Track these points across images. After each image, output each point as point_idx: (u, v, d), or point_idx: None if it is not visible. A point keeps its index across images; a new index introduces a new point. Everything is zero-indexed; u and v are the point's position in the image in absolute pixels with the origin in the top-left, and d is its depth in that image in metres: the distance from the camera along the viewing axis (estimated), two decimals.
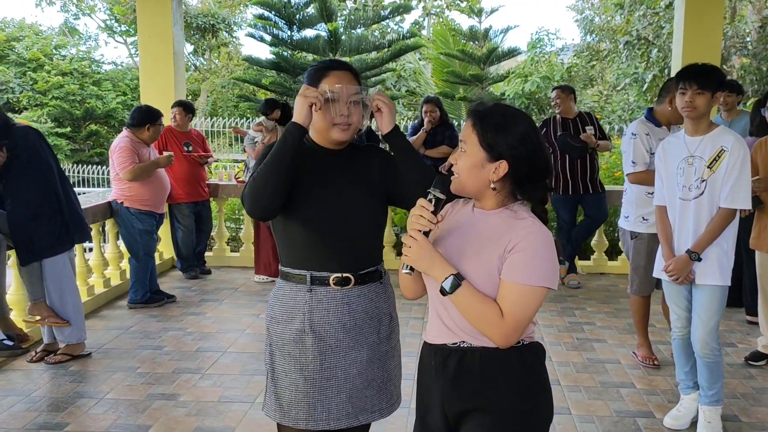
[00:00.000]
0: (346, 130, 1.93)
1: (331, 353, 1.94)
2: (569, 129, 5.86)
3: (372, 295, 1.99)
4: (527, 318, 1.64)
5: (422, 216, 1.63)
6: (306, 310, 1.94)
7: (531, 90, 17.37)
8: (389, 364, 2.04)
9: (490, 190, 1.69)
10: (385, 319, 2.02)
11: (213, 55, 23.45)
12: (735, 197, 3.03)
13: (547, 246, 1.65)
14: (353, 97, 1.91)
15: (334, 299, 1.94)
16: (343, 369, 1.95)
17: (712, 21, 6.48)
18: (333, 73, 1.93)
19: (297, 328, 1.94)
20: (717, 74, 3.09)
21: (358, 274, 1.96)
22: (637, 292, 4.08)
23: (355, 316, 1.95)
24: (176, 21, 6.83)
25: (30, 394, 3.68)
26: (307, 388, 1.94)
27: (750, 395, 3.67)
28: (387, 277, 2.09)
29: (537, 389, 1.76)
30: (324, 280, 1.94)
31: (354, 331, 1.95)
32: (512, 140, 1.64)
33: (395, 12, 20.16)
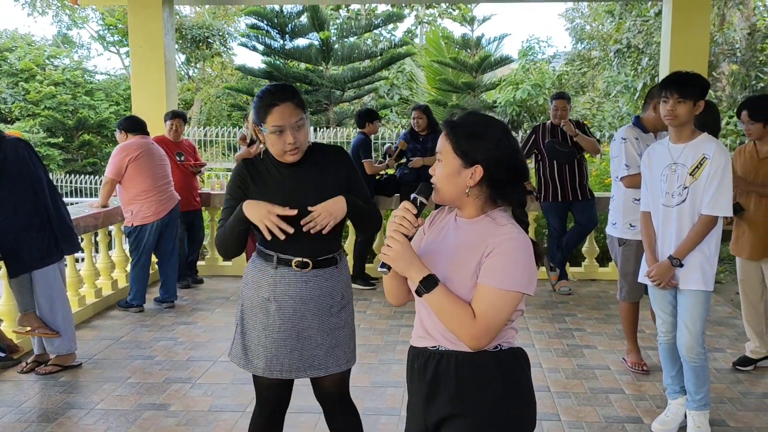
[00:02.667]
0: (296, 153, 2.28)
1: (289, 319, 2.35)
2: (558, 136, 5.90)
3: (327, 276, 2.39)
4: (499, 321, 1.67)
5: (405, 218, 1.70)
6: (271, 283, 2.37)
7: (522, 97, 17.45)
8: (338, 333, 2.42)
9: (468, 197, 1.74)
10: (337, 296, 2.42)
11: (206, 64, 23.49)
12: (716, 204, 3.06)
13: (524, 251, 1.68)
14: (297, 125, 2.24)
15: (295, 277, 2.35)
16: (297, 332, 2.36)
17: (698, 29, 6.55)
18: (275, 109, 2.23)
19: (263, 296, 2.38)
20: (699, 83, 3.12)
21: (315, 260, 2.36)
22: (626, 299, 4.11)
23: (311, 292, 2.36)
24: (167, 31, 6.86)
25: (20, 405, 3.68)
26: (267, 344, 2.36)
27: (737, 400, 3.69)
28: (343, 263, 2.49)
29: (515, 396, 1.78)
30: (288, 262, 2.35)
31: (310, 304, 2.36)
32: (485, 145, 1.70)
33: (388, 20, 20.28)
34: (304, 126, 2.27)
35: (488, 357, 1.74)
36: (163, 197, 5.42)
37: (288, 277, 2.35)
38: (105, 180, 5.52)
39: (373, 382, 3.96)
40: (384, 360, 4.31)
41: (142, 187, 5.31)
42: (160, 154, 5.54)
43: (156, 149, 5.51)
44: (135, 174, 5.30)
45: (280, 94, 2.24)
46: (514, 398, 1.77)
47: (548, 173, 5.89)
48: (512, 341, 1.80)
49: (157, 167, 5.43)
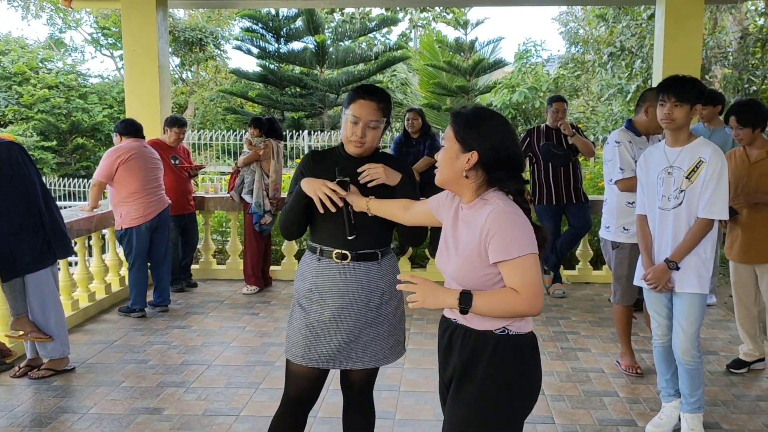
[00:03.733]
0: (359, 147, 2.40)
1: (329, 310, 2.42)
2: (553, 139, 5.91)
3: (366, 270, 2.43)
4: (538, 282, 1.83)
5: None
6: (314, 274, 2.46)
7: (518, 100, 17.49)
8: (377, 328, 2.46)
9: (465, 180, 1.93)
10: (377, 291, 2.45)
11: (200, 68, 23.47)
12: (712, 208, 3.08)
13: (512, 221, 1.86)
14: (371, 124, 2.37)
15: (335, 269, 2.43)
16: (336, 323, 2.42)
17: (691, 32, 6.58)
18: (359, 101, 2.37)
19: (308, 286, 2.47)
20: (696, 86, 3.13)
21: (355, 253, 2.42)
22: (620, 302, 4.12)
23: (348, 284, 2.42)
24: (161, 35, 6.85)
25: (13, 409, 3.66)
26: (306, 332, 2.44)
27: (731, 402, 3.70)
28: (389, 260, 2.51)
29: (502, 384, 1.92)
30: (329, 254, 2.44)
31: (347, 296, 2.42)
32: (482, 133, 1.90)
33: (382, 24, 20.33)
34: (376, 130, 2.39)
35: (489, 339, 1.92)
36: (152, 200, 5.40)
37: (329, 268, 2.44)
38: (93, 182, 5.54)
39: None
40: None
41: (130, 189, 5.30)
42: (153, 157, 5.52)
43: (149, 152, 5.50)
44: (125, 176, 5.30)
45: (369, 91, 2.41)
46: (502, 385, 1.92)
47: (543, 176, 5.90)
48: (521, 329, 1.93)
49: (149, 170, 5.41)
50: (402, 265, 6.69)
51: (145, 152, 5.46)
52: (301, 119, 17.78)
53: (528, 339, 1.96)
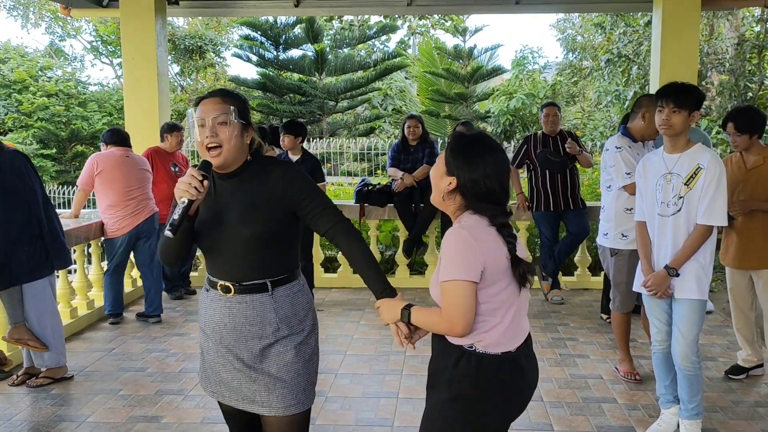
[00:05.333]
0: (217, 155, 2.09)
1: (220, 346, 2.23)
2: (549, 146, 5.93)
3: (254, 304, 2.18)
4: (458, 311, 1.85)
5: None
6: (203, 306, 2.29)
7: (516, 107, 17.52)
8: (281, 369, 2.20)
9: (445, 201, 1.99)
10: (269, 327, 2.19)
11: (200, 75, 23.52)
12: (711, 214, 3.09)
13: (453, 244, 1.88)
14: (218, 119, 2.09)
15: (220, 301, 2.22)
16: (229, 361, 2.22)
17: (688, 38, 6.60)
18: (202, 102, 2.14)
19: (202, 320, 2.31)
20: (694, 93, 3.15)
21: (239, 285, 2.18)
22: (620, 309, 4.11)
23: (235, 319, 2.19)
24: (160, 43, 6.87)
25: (11, 418, 3.65)
26: (205, 365, 2.32)
27: (730, 408, 3.70)
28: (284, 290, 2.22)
29: (458, 397, 1.94)
30: (214, 285, 2.23)
31: (234, 333, 2.21)
32: (468, 163, 1.92)
33: (381, 32, 20.38)
34: (227, 125, 2.09)
35: (455, 352, 1.95)
36: (130, 212, 5.35)
37: (215, 301, 2.22)
38: (77, 189, 5.56)
39: (365, 393, 3.96)
40: (376, 370, 4.30)
41: (108, 202, 5.33)
42: (139, 167, 5.48)
43: (132, 161, 5.44)
44: (101, 188, 5.34)
45: (209, 93, 2.18)
46: (458, 399, 1.94)
47: (540, 183, 5.91)
48: (490, 347, 1.92)
49: (130, 180, 5.36)
50: (400, 272, 6.69)
51: (127, 161, 5.41)
52: None
53: (496, 360, 1.92)
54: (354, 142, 15.92)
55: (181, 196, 2.00)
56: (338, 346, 4.80)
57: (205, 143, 2.09)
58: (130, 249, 5.46)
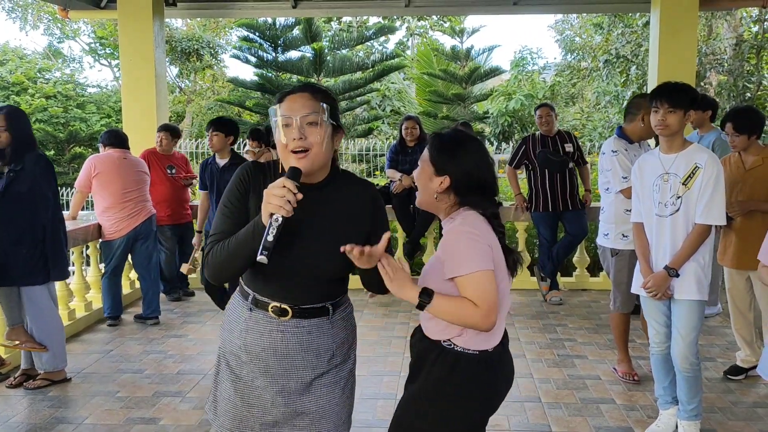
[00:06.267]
0: (303, 157, 1.79)
1: (262, 375, 1.94)
2: (548, 146, 5.93)
3: (312, 329, 1.93)
4: (493, 298, 1.83)
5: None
6: (244, 328, 1.95)
7: (515, 108, 17.53)
8: (326, 399, 1.96)
9: (438, 201, 1.98)
10: (325, 355, 1.95)
11: (198, 77, 23.51)
12: (709, 213, 3.08)
13: (460, 241, 1.88)
14: (307, 119, 1.79)
15: (270, 325, 1.92)
16: (271, 394, 1.93)
17: (686, 39, 6.61)
18: (288, 97, 1.86)
19: (237, 343, 1.96)
20: (689, 93, 3.14)
21: (298, 308, 1.91)
22: (620, 309, 4.10)
23: (288, 346, 1.92)
24: (158, 44, 6.87)
25: (8, 420, 3.64)
26: (236, 400, 1.96)
27: (728, 409, 3.70)
28: (340, 313, 2.01)
29: (433, 394, 1.96)
30: (264, 305, 1.93)
31: (285, 361, 1.92)
32: (455, 158, 1.94)
33: (379, 33, 20.37)
34: (317, 125, 1.80)
35: (434, 349, 1.97)
36: (127, 214, 5.34)
37: (262, 323, 1.92)
38: (74, 191, 5.55)
39: (363, 394, 3.95)
40: (374, 372, 4.30)
41: (105, 204, 5.33)
42: (136, 169, 5.48)
43: (128, 164, 5.44)
44: (98, 190, 5.33)
45: (298, 86, 1.89)
46: (432, 395, 1.96)
47: (539, 183, 5.91)
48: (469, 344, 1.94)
49: (127, 182, 5.35)
50: None
51: (125, 163, 5.41)
52: None
53: (474, 358, 1.94)
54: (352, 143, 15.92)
55: (274, 212, 1.68)
56: None
57: (290, 146, 1.79)
58: (127, 251, 5.45)
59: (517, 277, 6.68)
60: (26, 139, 4.01)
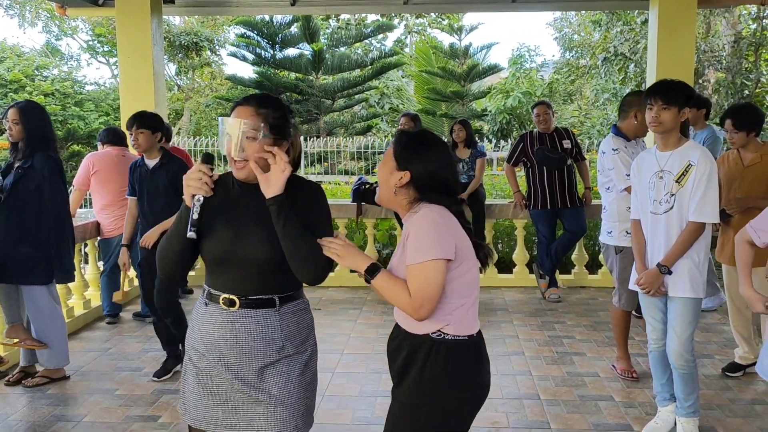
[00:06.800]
0: (242, 168, 1.98)
1: (219, 365, 2.07)
2: (546, 143, 5.93)
3: (259, 319, 2.05)
4: (431, 293, 1.88)
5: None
6: (201, 321, 2.12)
7: (513, 105, 17.54)
8: (282, 389, 2.05)
9: (397, 196, 2.00)
10: (274, 345, 2.05)
11: (196, 74, 23.48)
12: (702, 211, 3.08)
13: (425, 224, 1.91)
14: (247, 133, 1.94)
15: (221, 316, 2.07)
16: (228, 381, 2.06)
17: (684, 36, 6.60)
18: (236, 109, 2.01)
19: (197, 336, 2.12)
20: (683, 90, 3.14)
21: (245, 299, 2.05)
22: (625, 306, 4.09)
23: (237, 335, 2.05)
24: (156, 42, 6.86)
25: (7, 418, 3.64)
26: (200, 391, 2.09)
27: (726, 406, 3.70)
28: (291, 307, 2.11)
29: (431, 392, 1.96)
30: (216, 298, 2.09)
31: (236, 349, 2.05)
32: (419, 157, 1.98)
33: (377, 30, 20.38)
34: (255, 140, 1.95)
35: (424, 343, 1.97)
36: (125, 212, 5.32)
37: (215, 315, 2.07)
38: (73, 189, 5.52)
39: (362, 392, 3.96)
40: (373, 369, 4.30)
41: (104, 202, 5.33)
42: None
43: (127, 161, 5.31)
44: (97, 187, 5.34)
45: (245, 99, 2.04)
46: (430, 394, 1.96)
47: (537, 180, 5.92)
48: (460, 329, 1.97)
49: (125, 180, 5.33)
50: None
51: (123, 161, 5.38)
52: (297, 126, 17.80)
53: (466, 344, 1.98)
54: (351, 140, 15.92)
55: (195, 193, 1.95)
56: (335, 345, 4.80)
57: (229, 156, 1.99)
58: None
59: (516, 274, 6.67)
60: (38, 136, 3.96)
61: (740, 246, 2.68)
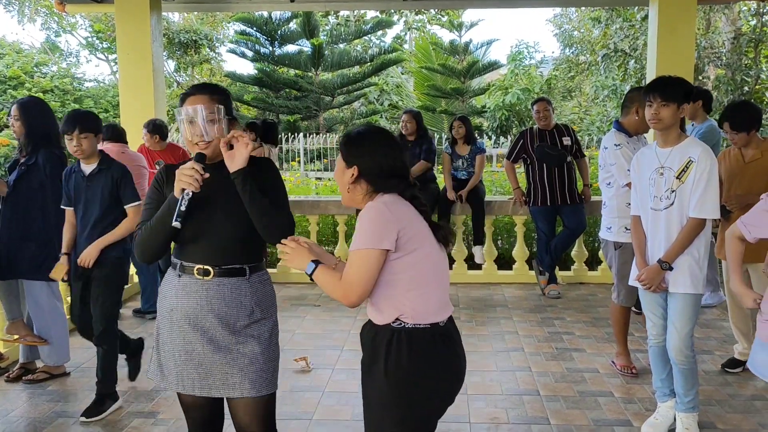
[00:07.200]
0: (206, 147, 2.21)
1: (193, 331, 2.24)
2: (546, 140, 5.93)
3: (232, 286, 2.25)
4: (359, 279, 1.95)
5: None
6: (174, 293, 2.28)
7: (511, 102, 17.52)
8: (248, 349, 2.24)
9: (349, 192, 2.08)
10: (244, 310, 2.26)
11: (195, 71, 23.45)
12: (703, 207, 3.09)
13: (365, 215, 1.98)
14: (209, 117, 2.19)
15: (196, 285, 2.24)
16: (202, 344, 2.23)
17: (684, 33, 6.60)
18: (189, 98, 2.23)
19: (168, 306, 2.29)
20: (682, 86, 3.15)
21: (219, 268, 2.24)
22: (623, 302, 4.10)
23: (212, 302, 2.23)
24: (155, 38, 6.85)
25: (7, 414, 3.65)
26: (176, 356, 2.26)
27: (726, 402, 3.71)
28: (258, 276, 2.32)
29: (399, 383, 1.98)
30: (190, 270, 2.25)
31: (211, 315, 2.23)
32: (361, 149, 2.07)
33: (377, 27, 20.34)
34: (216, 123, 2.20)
35: (386, 333, 2.01)
36: None
37: (189, 285, 2.25)
38: None
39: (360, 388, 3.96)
40: None
41: None
42: (134, 162, 5.37)
43: (127, 158, 5.25)
44: None
45: (196, 88, 2.28)
46: (397, 382, 1.98)
47: (537, 177, 5.92)
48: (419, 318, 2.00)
49: None
50: None
51: (123, 157, 5.30)
52: (296, 122, 17.79)
53: (429, 332, 2.01)
54: None
55: (184, 187, 2.11)
56: (335, 342, 4.80)
57: (194, 140, 2.20)
58: None
59: (516, 271, 6.67)
60: (40, 132, 3.96)
61: (731, 242, 2.74)
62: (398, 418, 1.99)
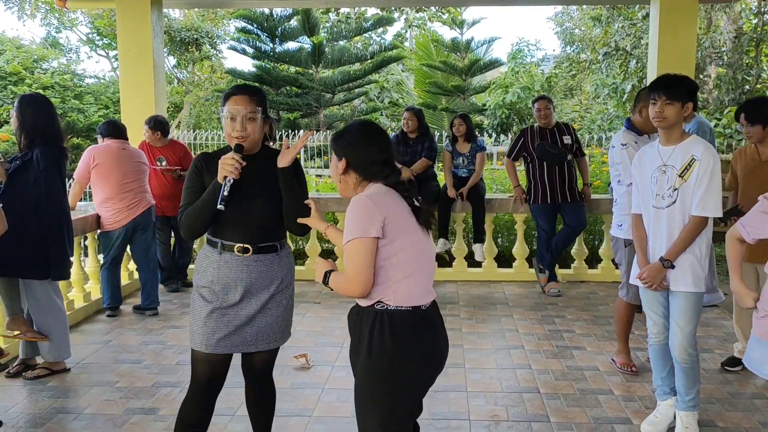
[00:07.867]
0: (244, 142, 2.55)
1: (231, 299, 2.59)
2: (547, 138, 5.93)
3: (267, 262, 2.63)
4: (356, 269, 2.10)
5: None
6: (215, 267, 2.61)
7: (512, 100, 17.51)
8: (273, 313, 2.67)
9: (341, 183, 2.27)
10: (276, 281, 2.66)
11: (196, 68, 23.43)
12: (706, 205, 3.08)
13: (351, 207, 2.13)
14: (248, 116, 2.54)
15: (237, 261, 2.59)
16: (236, 311, 2.60)
17: (685, 32, 6.60)
18: (232, 98, 2.55)
19: (209, 278, 2.61)
20: (686, 84, 3.14)
21: (256, 246, 2.60)
22: (632, 299, 4.08)
23: (251, 275, 2.60)
24: (156, 34, 6.84)
25: (8, 410, 3.65)
26: (209, 321, 2.59)
27: (726, 400, 3.71)
28: (285, 251, 2.72)
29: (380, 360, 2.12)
30: (231, 248, 2.59)
31: (250, 287, 2.60)
32: (347, 141, 2.26)
33: (378, 24, 20.31)
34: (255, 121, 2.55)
35: (369, 315, 2.16)
36: (126, 205, 5.32)
37: (231, 261, 2.59)
38: (73, 181, 5.52)
39: None
40: None
41: (104, 195, 5.30)
42: (135, 160, 5.45)
43: (128, 154, 5.42)
44: (97, 180, 5.30)
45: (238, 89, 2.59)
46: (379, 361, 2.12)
47: (538, 175, 5.91)
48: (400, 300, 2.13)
49: (126, 174, 5.32)
50: None
51: (124, 154, 5.38)
52: (297, 119, 17.77)
53: (411, 315, 2.14)
54: None
55: (226, 175, 2.44)
56: (335, 339, 4.80)
57: (234, 135, 2.53)
58: (126, 242, 5.44)
59: (516, 269, 6.67)
60: (36, 128, 3.95)
61: (730, 243, 2.79)
62: (380, 395, 2.12)
